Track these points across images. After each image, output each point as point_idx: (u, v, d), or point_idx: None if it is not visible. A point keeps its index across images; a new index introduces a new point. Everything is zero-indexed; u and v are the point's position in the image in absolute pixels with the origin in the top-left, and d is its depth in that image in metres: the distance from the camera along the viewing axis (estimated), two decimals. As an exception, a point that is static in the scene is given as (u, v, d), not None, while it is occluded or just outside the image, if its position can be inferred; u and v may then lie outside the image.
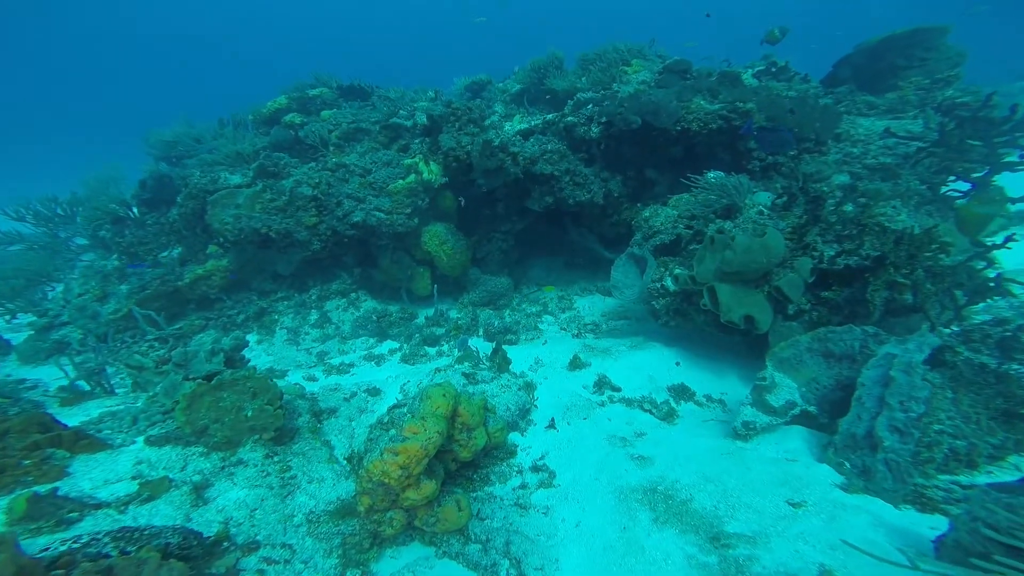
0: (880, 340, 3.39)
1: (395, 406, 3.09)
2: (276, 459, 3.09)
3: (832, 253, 3.57)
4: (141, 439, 2.95)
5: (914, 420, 2.63)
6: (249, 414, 3.06)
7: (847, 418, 3.02)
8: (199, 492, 2.64)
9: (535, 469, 3.59)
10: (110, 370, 4.24)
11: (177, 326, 4.48)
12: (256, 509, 2.71)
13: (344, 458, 3.26)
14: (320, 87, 8.05)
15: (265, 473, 2.93)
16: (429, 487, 2.69)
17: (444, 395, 2.90)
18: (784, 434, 3.54)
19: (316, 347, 6.06)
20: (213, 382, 2.92)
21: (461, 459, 3.28)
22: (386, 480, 2.54)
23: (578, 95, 6.16)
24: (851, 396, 3.43)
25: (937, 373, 2.90)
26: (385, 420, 2.91)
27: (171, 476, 2.68)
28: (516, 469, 3.62)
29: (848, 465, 2.91)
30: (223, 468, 2.86)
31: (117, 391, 3.61)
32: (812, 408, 3.53)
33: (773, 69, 6.08)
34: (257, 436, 3.11)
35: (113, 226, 6.01)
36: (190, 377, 3.01)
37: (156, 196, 6.26)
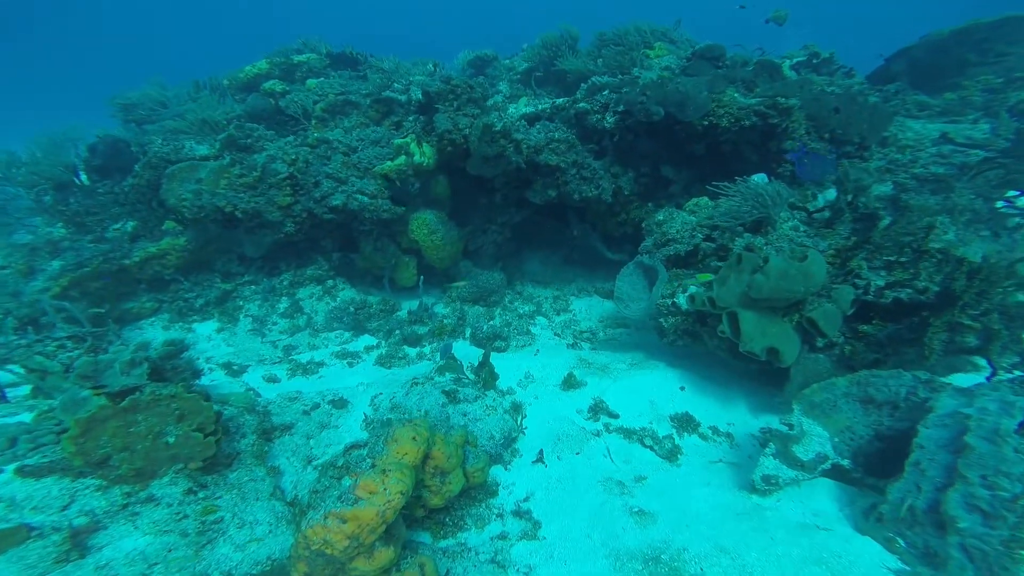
0: (932, 387, 2.88)
1: (353, 445, 2.54)
2: (201, 495, 2.52)
3: (881, 283, 3.02)
4: (13, 467, 2.34)
5: (1007, 502, 2.11)
6: (171, 441, 2.49)
7: (900, 484, 2.51)
8: (78, 541, 2.05)
9: (518, 514, 3.07)
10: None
11: (96, 311, 3.76)
12: (156, 564, 2.14)
13: (288, 501, 2.70)
14: (307, 53, 7.32)
15: (181, 515, 2.37)
16: (385, 556, 2.15)
17: (414, 438, 2.34)
18: (810, 490, 3.04)
19: (284, 340, 5.47)
20: (124, 403, 2.34)
21: (431, 506, 2.74)
22: (328, 551, 2.00)
23: (593, 79, 5.53)
24: (892, 448, 2.94)
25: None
26: (339, 463, 2.37)
27: (41, 520, 2.09)
28: (496, 512, 3.10)
29: (903, 544, 2.40)
30: (125, 507, 2.29)
31: (16, 398, 3.00)
32: (845, 462, 3.02)
33: (815, 61, 5.47)
34: (181, 465, 2.54)
35: (56, 192, 5.36)
36: (100, 391, 2.44)
37: (109, 163, 5.58)
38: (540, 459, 3.51)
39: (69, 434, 2.16)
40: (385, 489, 2.07)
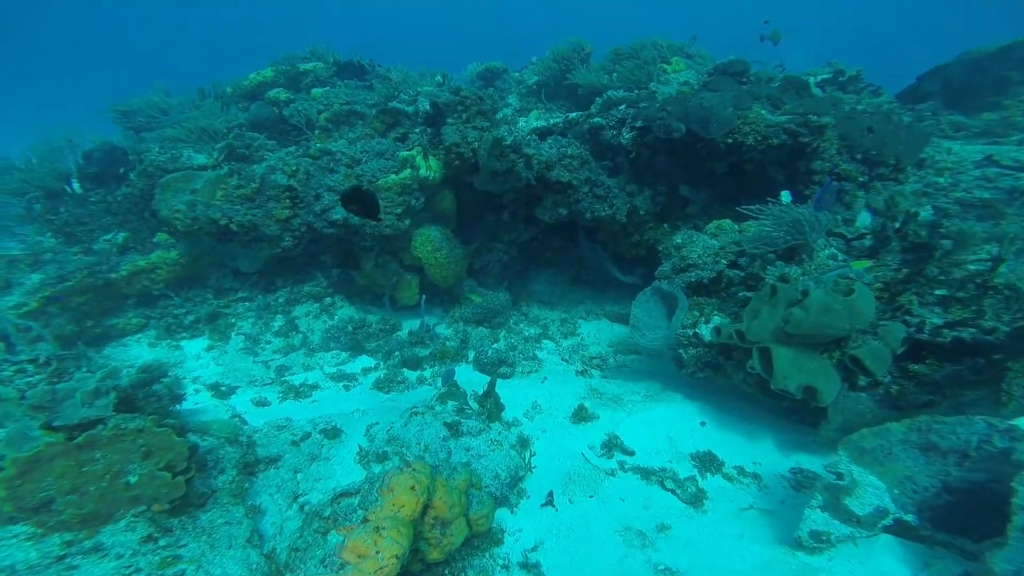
0: (1013, 436, 2.55)
1: (343, 493, 2.21)
2: (162, 543, 2.19)
3: (938, 322, 2.71)
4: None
5: None
6: (133, 481, 2.17)
7: (1005, 554, 2.17)
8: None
9: (525, 566, 2.72)
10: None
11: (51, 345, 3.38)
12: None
13: (265, 553, 2.36)
14: (314, 61, 7.16)
15: (132, 568, 2.02)
16: (372, 632, 1.80)
17: (413, 487, 2.02)
18: (869, 549, 2.68)
19: (277, 360, 5.16)
20: (80, 439, 2.02)
21: (430, 560, 2.40)
22: (304, 629, 1.66)
23: (608, 93, 5.31)
24: (967, 503, 2.59)
25: None
26: (326, 513, 2.04)
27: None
28: (501, 563, 2.76)
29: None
30: (61, 559, 1.94)
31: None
32: (909, 517, 2.67)
33: (841, 79, 5.25)
34: (143, 507, 2.21)
35: (47, 201, 5.12)
36: (53, 426, 2.13)
37: (105, 171, 5.36)
38: (550, 502, 3.17)
39: (2, 475, 1.85)
40: (377, 552, 1.74)
